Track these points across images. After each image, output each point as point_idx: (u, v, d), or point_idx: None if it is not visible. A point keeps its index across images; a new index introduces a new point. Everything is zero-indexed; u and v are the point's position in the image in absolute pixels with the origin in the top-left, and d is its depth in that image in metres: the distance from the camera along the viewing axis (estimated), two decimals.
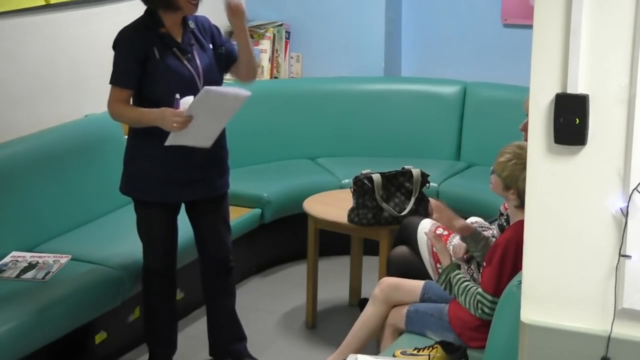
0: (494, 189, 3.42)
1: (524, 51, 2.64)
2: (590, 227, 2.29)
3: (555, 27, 2.22)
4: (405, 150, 5.61)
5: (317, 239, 4.54)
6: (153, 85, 3.69)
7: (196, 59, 3.76)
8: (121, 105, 3.72)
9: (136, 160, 3.82)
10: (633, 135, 2.19)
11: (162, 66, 3.69)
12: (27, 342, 3.64)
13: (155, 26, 3.71)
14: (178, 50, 3.73)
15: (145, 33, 3.70)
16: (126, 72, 3.70)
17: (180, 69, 3.71)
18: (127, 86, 3.71)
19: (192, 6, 3.71)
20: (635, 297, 2.27)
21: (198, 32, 3.82)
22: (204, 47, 3.82)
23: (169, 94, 3.64)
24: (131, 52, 3.69)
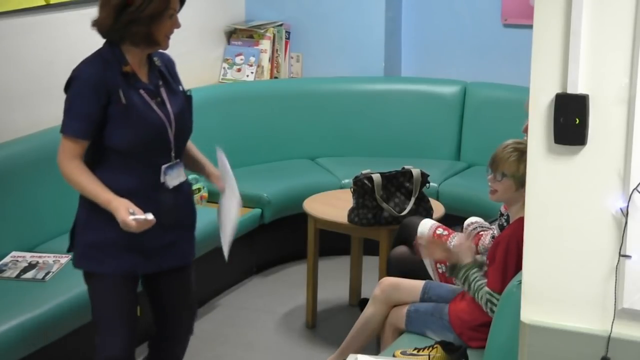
0: (504, 194, 3.37)
1: (524, 51, 2.64)
2: (590, 227, 2.29)
3: (555, 27, 2.22)
4: (405, 150, 5.61)
5: (317, 239, 4.54)
6: (118, 135, 3.02)
7: (166, 102, 3.12)
8: (77, 167, 3.03)
9: (93, 225, 3.11)
10: (633, 135, 2.20)
11: (130, 112, 3.02)
12: (27, 342, 3.64)
13: (118, 63, 3.04)
14: (146, 93, 3.07)
15: (107, 71, 3.02)
16: (85, 119, 2.99)
17: (149, 115, 3.05)
18: (85, 137, 3.01)
19: (168, 40, 3.08)
20: (635, 297, 2.27)
21: (165, 70, 3.19)
22: (173, 89, 3.18)
23: (137, 145, 3.04)
24: (93, 94, 2.98)
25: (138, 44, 3.02)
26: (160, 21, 2.99)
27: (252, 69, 5.91)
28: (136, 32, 2.99)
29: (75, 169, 3.03)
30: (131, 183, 3.07)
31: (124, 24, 2.98)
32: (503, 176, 3.34)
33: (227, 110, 5.52)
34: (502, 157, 3.35)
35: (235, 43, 5.97)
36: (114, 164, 3.07)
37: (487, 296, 3.30)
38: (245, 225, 4.96)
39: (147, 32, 2.99)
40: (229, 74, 5.92)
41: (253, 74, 5.91)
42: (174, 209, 3.17)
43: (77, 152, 3.02)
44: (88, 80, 2.99)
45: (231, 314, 4.70)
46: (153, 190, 3.10)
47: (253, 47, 5.94)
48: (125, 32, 2.99)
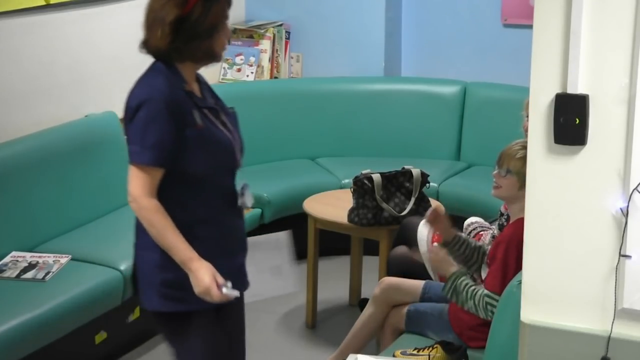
0: (506, 191, 3.34)
1: (524, 51, 2.64)
2: (590, 227, 2.29)
3: (555, 27, 2.22)
4: (405, 150, 5.61)
5: (317, 239, 4.54)
6: (193, 160, 2.74)
7: (226, 121, 2.88)
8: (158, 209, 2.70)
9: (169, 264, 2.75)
10: (633, 135, 2.19)
11: (205, 135, 2.76)
12: (27, 342, 3.64)
13: (180, 82, 2.77)
14: (209, 112, 2.82)
15: (175, 91, 2.74)
16: (163, 146, 2.67)
17: (221, 137, 2.81)
18: (164, 165, 2.71)
19: (223, 54, 2.90)
20: (635, 297, 2.27)
21: (208, 88, 2.95)
22: (224, 107, 2.94)
23: (213, 169, 2.79)
24: (169, 117, 2.68)
25: (199, 59, 2.80)
26: (219, 31, 2.78)
27: (252, 69, 5.91)
28: (197, 47, 2.75)
29: (157, 212, 2.69)
30: (202, 210, 2.80)
31: (185, 40, 2.72)
32: (508, 172, 3.32)
33: None
34: (510, 154, 3.32)
35: (235, 43, 5.97)
36: (182, 191, 2.77)
37: (486, 299, 3.24)
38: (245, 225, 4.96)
39: (208, 45, 2.76)
40: (229, 74, 5.93)
41: (253, 74, 5.91)
42: (242, 231, 2.97)
43: (154, 184, 2.70)
44: (162, 101, 2.68)
45: None
46: (224, 215, 2.86)
47: (253, 47, 5.94)
48: (186, 49, 2.74)
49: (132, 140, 2.71)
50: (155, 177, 2.69)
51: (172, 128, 2.67)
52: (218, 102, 2.91)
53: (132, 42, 2.92)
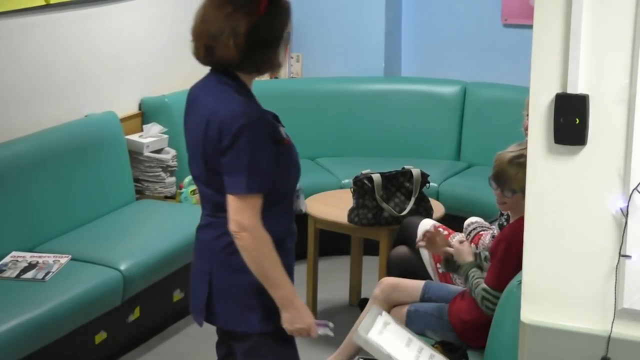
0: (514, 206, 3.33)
1: (524, 51, 2.64)
2: (590, 227, 2.29)
3: (555, 27, 2.22)
4: (405, 150, 5.62)
5: (317, 239, 4.54)
6: (284, 175, 2.70)
7: (289, 137, 2.79)
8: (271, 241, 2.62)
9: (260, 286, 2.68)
10: (633, 135, 2.19)
11: (290, 148, 2.73)
12: (27, 342, 3.64)
13: (253, 96, 2.73)
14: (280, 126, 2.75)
15: (263, 108, 2.70)
16: (270, 171, 2.61)
17: (295, 149, 2.78)
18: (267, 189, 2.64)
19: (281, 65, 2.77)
20: (635, 297, 2.27)
21: None
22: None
23: (294, 185, 2.79)
24: (270, 140, 2.62)
25: (265, 70, 2.72)
26: (285, 39, 2.69)
27: None
28: (269, 57, 2.66)
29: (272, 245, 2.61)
30: (284, 223, 2.74)
31: (258, 50, 2.61)
32: (514, 193, 3.33)
33: None
34: (510, 175, 3.31)
35: None
36: (274, 207, 2.67)
37: (483, 293, 3.31)
38: None
39: (277, 54, 2.68)
40: None
41: None
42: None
43: (260, 211, 2.60)
44: (263, 125, 2.60)
45: None
46: (294, 223, 2.83)
47: None
48: (258, 60, 2.65)
49: (238, 168, 2.57)
50: (260, 203, 2.60)
51: (273, 150, 2.61)
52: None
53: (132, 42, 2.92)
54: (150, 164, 4.99)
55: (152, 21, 5.13)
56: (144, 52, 5.10)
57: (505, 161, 3.36)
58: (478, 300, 3.34)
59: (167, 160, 5.00)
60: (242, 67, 2.64)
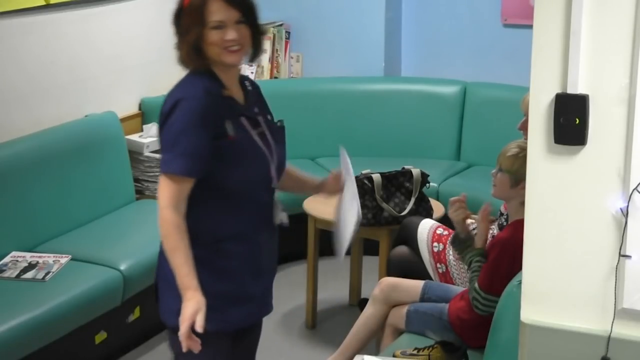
0: (500, 189, 3.39)
1: (524, 51, 2.64)
2: (590, 227, 2.29)
3: (555, 27, 2.22)
4: (405, 150, 5.62)
5: (317, 239, 4.54)
6: (225, 173, 2.64)
7: (266, 133, 2.76)
8: (181, 226, 2.58)
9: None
10: (633, 135, 2.19)
11: (237, 147, 2.66)
12: (27, 342, 3.64)
13: (217, 87, 2.68)
14: (247, 121, 2.71)
15: (211, 97, 2.63)
16: (195, 155, 2.57)
17: (254, 149, 2.70)
18: (195, 175, 2.60)
19: (228, 54, 2.65)
20: (635, 297, 2.27)
21: (255, 94, 2.84)
22: (268, 117, 2.83)
23: (244, 184, 2.68)
24: (206, 125, 2.59)
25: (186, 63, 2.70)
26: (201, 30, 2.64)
27: (252, 69, 5.90)
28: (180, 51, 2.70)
29: (175, 230, 2.56)
30: (234, 225, 2.69)
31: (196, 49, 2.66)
32: (499, 170, 3.37)
33: None
34: (503, 152, 3.37)
35: None
36: (215, 204, 2.67)
37: (474, 293, 3.33)
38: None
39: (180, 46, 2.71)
40: None
41: (253, 74, 5.90)
42: (273, 250, 2.85)
43: (182, 195, 2.58)
44: (197, 107, 2.58)
45: None
46: (256, 232, 2.75)
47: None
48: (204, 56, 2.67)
49: (164, 147, 2.62)
50: (184, 187, 2.58)
51: (205, 136, 2.57)
52: (263, 112, 2.81)
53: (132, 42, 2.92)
54: (150, 164, 4.99)
55: (152, 21, 5.13)
56: (144, 52, 5.10)
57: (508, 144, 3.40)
58: (471, 297, 3.35)
59: None
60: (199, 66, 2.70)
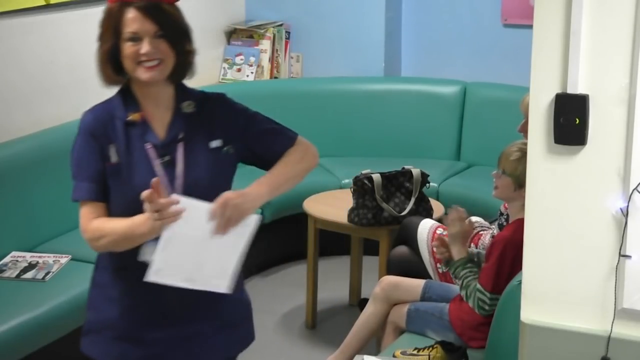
0: (503, 192, 3.39)
1: (524, 51, 2.64)
2: (590, 227, 2.29)
3: (555, 27, 2.22)
4: (405, 150, 5.62)
5: (317, 239, 4.54)
6: (112, 199, 2.47)
7: (177, 163, 2.45)
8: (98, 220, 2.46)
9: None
10: (633, 135, 2.19)
11: (121, 173, 2.43)
12: (27, 342, 3.64)
13: (125, 110, 2.47)
14: (152, 148, 2.44)
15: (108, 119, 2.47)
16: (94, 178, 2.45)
17: (144, 180, 2.35)
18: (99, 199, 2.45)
19: (143, 69, 2.42)
20: (635, 297, 2.27)
21: (198, 118, 2.51)
22: (200, 145, 2.49)
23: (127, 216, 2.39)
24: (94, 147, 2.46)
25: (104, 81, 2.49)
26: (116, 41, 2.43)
27: (252, 69, 5.91)
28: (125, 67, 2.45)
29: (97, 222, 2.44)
30: (123, 258, 2.46)
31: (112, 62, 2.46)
32: (503, 173, 3.36)
33: None
34: (506, 154, 3.37)
35: (235, 43, 5.97)
36: None
37: (478, 294, 3.31)
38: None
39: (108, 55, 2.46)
40: (229, 74, 5.93)
41: (253, 74, 5.91)
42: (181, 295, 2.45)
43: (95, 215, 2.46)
44: (86, 129, 2.48)
45: None
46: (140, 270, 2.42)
47: (253, 47, 5.94)
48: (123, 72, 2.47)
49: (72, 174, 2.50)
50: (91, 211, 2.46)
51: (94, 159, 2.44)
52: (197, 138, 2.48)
53: None
54: None
55: None
56: None
57: (509, 146, 3.40)
58: (471, 299, 3.33)
59: None
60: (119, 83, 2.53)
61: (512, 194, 3.35)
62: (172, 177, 2.44)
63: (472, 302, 3.34)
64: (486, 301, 3.28)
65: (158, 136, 2.47)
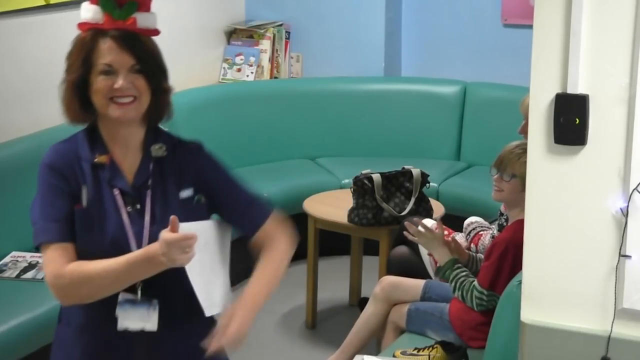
0: (510, 194, 3.37)
1: (524, 51, 2.64)
2: (590, 227, 2.29)
3: (555, 27, 2.22)
4: (405, 150, 5.62)
5: (317, 239, 4.54)
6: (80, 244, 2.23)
7: (146, 212, 2.24)
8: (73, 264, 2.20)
9: None
10: (633, 135, 2.20)
11: (88, 219, 2.21)
12: (27, 342, 3.64)
13: (92, 150, 2.25)
14: (120, 195, 2.23)
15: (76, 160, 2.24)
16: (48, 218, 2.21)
17: (109, 227, 2.20)
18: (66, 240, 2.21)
19: (115, 106, 2.19)
20: (635, 297, 2.27)
21: (169, 164, 2.28)
22: (170, 194, 2.27)
23: None
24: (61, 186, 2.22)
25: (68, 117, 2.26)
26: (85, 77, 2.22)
27: (252, 69, 5.91)
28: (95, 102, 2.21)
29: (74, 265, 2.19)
30: (83, 315, 2.28)
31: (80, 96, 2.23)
32: (512, 177, 3.34)
33: (227, 110, 5.52)
34: (512, 158, 3.34)
35: (235, 43, 5.97)
36: None
37: (476, 293, 3.33)
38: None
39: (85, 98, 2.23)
40: (229, 74, 5.93)
41: (253, 74, 5.91)
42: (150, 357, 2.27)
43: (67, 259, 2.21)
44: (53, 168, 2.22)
45: None
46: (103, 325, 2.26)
47: (253, 47, 5.94)
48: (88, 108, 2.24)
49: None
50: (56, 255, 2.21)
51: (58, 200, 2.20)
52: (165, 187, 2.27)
53: None
54: None
55: None
56: None
57: (509, 148, 3.39)
58: (467, 298, 3.35)
59: None
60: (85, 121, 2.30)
61: (519, 196, 3.33)
62: (141, 227, 2.23)
63: (469, 301, 3.34)
64: (483, 298, 3.31)
65: (127, 181, 2.25)
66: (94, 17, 2.34)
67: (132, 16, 2.25)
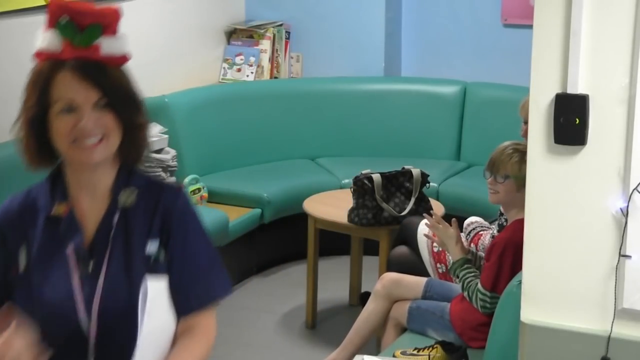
0: (506, 196, 3.38)
1: (524, 51, 2.64)
2: (590, 227, 2.29)
3: (555, 27, 2.22)
4: (405, 150, 5.62)
5: (317, 239, 4.54)
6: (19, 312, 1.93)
7: (101, 275, 1.91)
8: None
9: None
10: (633, 135, 2.20)
11: (26, 284, 1.94)
12: None
13: (52, 198, 1.99)
14: (73, 254, 1.93)
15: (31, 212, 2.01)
16: None
17: (53, 294, 1.91)
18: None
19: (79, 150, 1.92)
20: (635, 297, 2.27)
21: (138, 210, 1.96)
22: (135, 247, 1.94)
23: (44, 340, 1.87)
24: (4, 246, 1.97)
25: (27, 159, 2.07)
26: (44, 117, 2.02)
27: (252, 69, 5.91)
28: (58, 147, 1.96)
29: None
30: None
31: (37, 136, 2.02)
32: (506, 178, 3.34)
33: (227, 110, 5.52)
34: (504, 159, 3.35)
35: (235, 43, 5.97)
36: None
37: (479, 294, 3.34)
38: (245, 225, 4.96)
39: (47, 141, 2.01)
40: (229, 74, 5.92)
41: (253, 74, 5.91)
42: None
43: None
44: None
45: (231, 314, 4.69)
46: None
47: (253, 47, 5.94)
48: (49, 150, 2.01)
49: None
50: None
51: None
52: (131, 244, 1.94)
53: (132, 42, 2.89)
54: (150, 164, 4.99)
55: (152, 21, 5.13)
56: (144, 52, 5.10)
57: (500, 149, 3.39)
58: (473, 298, 3.36)
59: (167, 161, 5.00)
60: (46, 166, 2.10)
61: (515, 196, 3.34)
62: (90, 291, 1.90)
63: (474, 302, 3.35)
64: (487, 300, 3.30)
65: (83, 238, 1.94)
66: (51, 45, 1.96)
67: (96, 42, 1.93)
